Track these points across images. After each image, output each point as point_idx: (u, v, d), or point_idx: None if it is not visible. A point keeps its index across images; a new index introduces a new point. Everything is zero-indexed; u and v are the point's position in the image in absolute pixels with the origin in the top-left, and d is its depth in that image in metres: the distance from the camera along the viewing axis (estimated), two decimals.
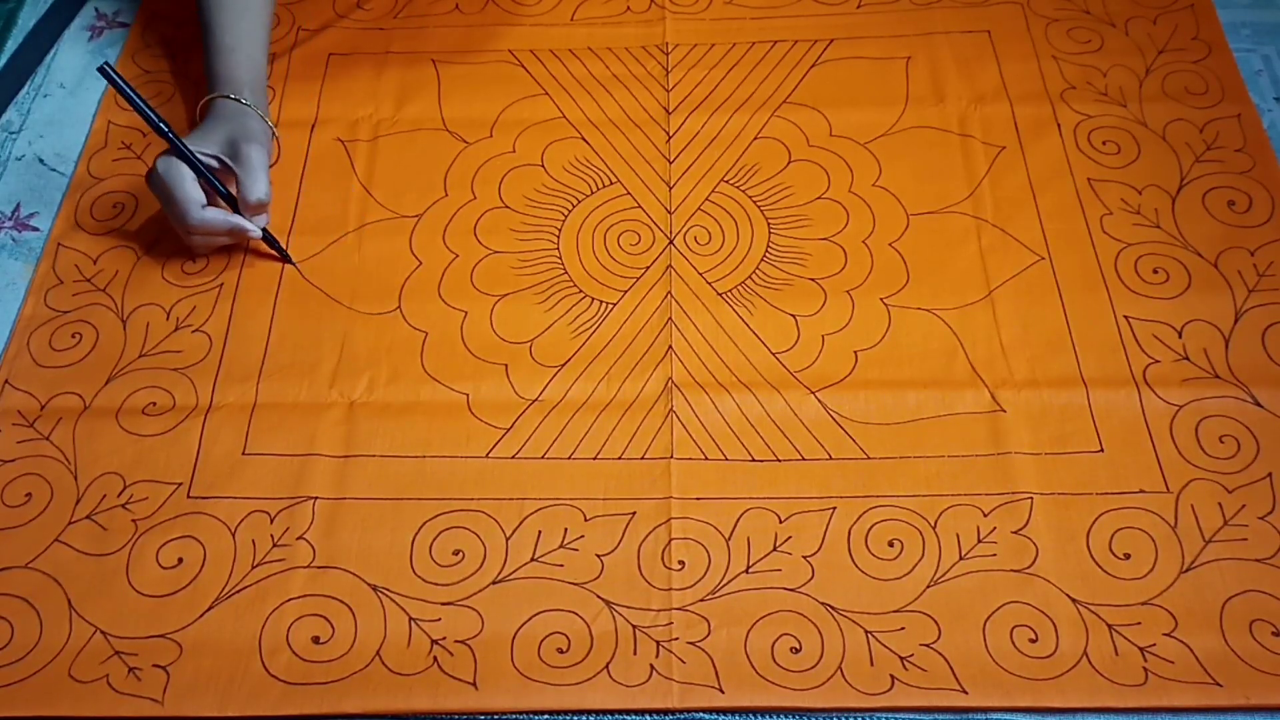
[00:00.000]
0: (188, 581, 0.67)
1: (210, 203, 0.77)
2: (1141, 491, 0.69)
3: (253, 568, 0.67)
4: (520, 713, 0.63)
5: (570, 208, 0.84)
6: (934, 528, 0.68)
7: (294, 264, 0.80)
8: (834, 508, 0.69)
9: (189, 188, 0.75)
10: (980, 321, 0.76)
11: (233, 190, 0.78)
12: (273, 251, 0.80)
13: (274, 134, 0.84)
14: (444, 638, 0.65)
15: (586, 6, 0.96)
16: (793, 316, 0.77)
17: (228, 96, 0.80)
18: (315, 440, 0.72)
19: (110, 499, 0.70)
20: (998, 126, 0.86)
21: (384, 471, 0.71)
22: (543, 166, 0.86)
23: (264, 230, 0.79)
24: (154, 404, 0.74)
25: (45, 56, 0.95)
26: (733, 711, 0.62)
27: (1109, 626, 0.64)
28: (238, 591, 0.67)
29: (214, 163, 0.77)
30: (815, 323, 0.77)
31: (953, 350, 0.75)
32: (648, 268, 0.80)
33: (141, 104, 0.76)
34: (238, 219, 0.77)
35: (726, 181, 0.84)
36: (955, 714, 0.62)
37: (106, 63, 0.75)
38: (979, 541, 0.67)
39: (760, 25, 0.94)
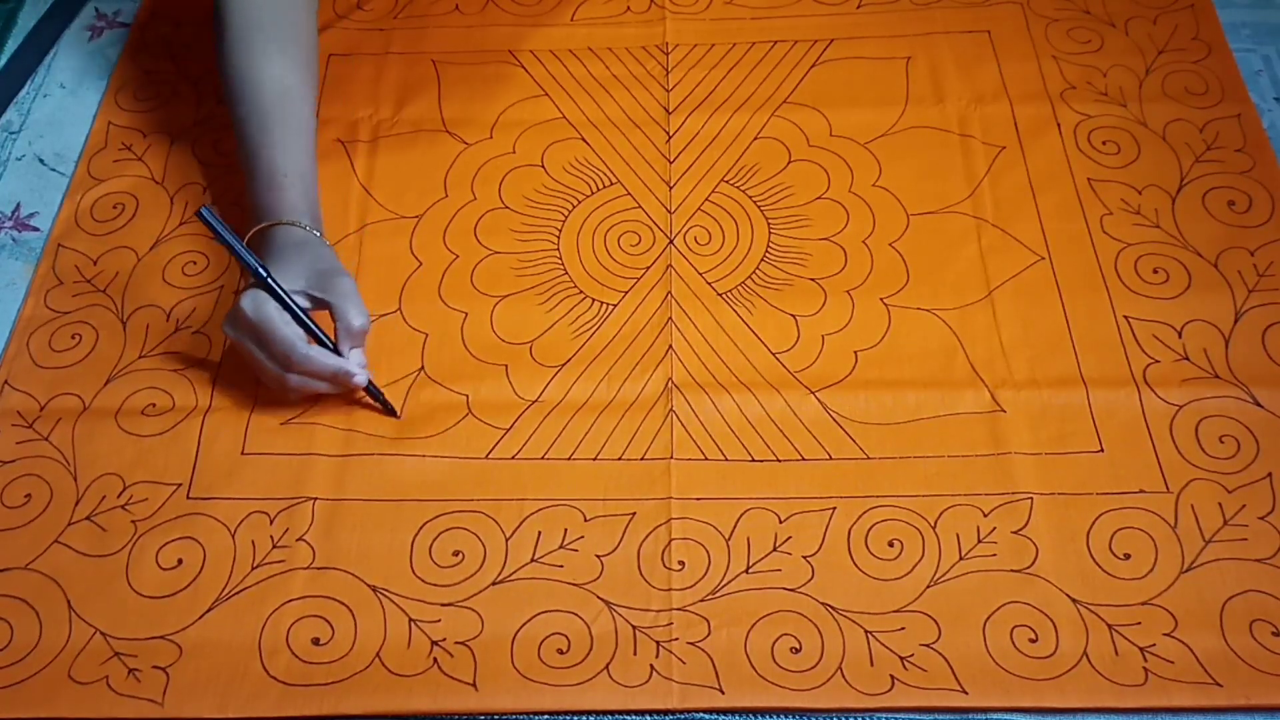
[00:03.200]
0: (187, 583, 0.67)
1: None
2: (1141, 491, 0.69)
3: (252, 569, 0.67)
4: (520, 713, 0.63)
5: (570, 208, 0.83)
6: (934, 528, 0.68)
7: (398, 416, 0.73)
8: (834, 508, 0.69)
9: (289, 327, 0.68)
10: (980, 321, 0.76)
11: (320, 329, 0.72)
12: (375, 404, 0.74)
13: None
14: (444, 639, 0.65)
15: (586, 6, 0.96)
16: (793, 316, 0.77)
17: (291, 223, 0.73)
18: (314, 441, 0.72)
19: (110, 500, 0.70)
20: (998, 126, 0.86)
21: (384, 472, 0.71)
22: (543, 167, 0.86)
23: (370, 383, 0.72)
24: (153, 405, 0.74)
25: (45, 56, 0.95)
26: (733, 712, 0.62)
27: (1109, 626, 0.64)
28: (237, 593, 0.66)
29: (304, 300, 0.70)
30: (815, 323, 0.77)
31: (952, 350, 0.75)
32: (648, 268, 0.80)
33: (238, 247, 0.70)
34: (341, 362, 0.70)
35: (726, 181, 0.84)
36: (955, 714, 0.62)
37: (206, 207, 0.69)
38: (979, 541, 0.67)
39: (760, 25, 0.94)
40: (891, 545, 0.67)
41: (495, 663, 0.64)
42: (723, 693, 0.63)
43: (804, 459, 0.71)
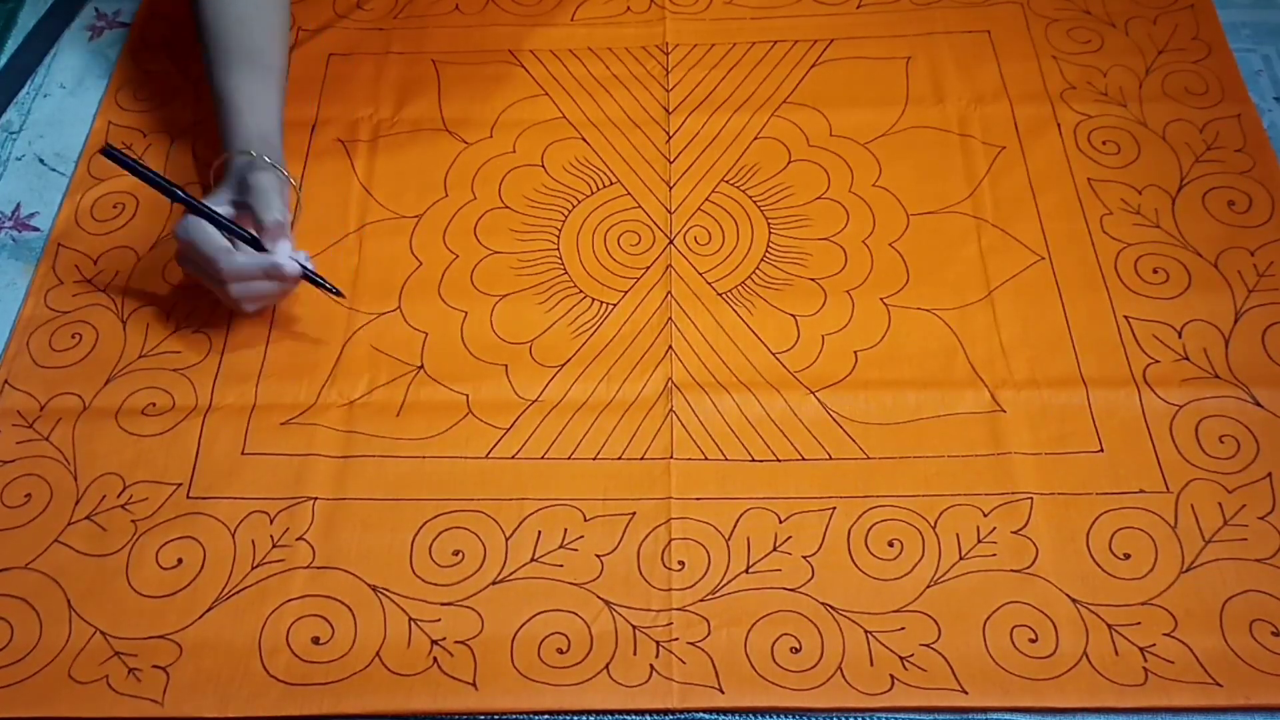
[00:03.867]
0: (187, 582, 0.67)
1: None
2: (1141, 491, 0.69)
3: (252, 568, 0.67)
4: (520, 713, 0.63)
5: (570, 208, 0.84)
6: (934, 528, 0.68)
7: (342, 295, 0.77)
8: (834, 508, 0.69)
9: (214, 239, 0.72)
10: (980, 321, 0.76)
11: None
12: (323, 289, 0.76)
13: (291, 184, 0.77)
14: (444, 638, 0.65)
15: (586, 6, 0.96)
16: (793, 316, 0.77)
17: (237, 153, 0.76)
18: (315, 440, 0.72)
19: (110, 499, 0.70)
20: (998, 126, 0.86)
21: (383, 472, 0.71)
22: (543, 167, 0.86)
23: (303, 267, 0.74)
24: (153, 404, 0.74)
25: (45, 56, 0.95)
26: (733, 711, 0.62)
27: (1109, 626, 0.64)
28: (237, 592, 0.67)
29: (229, 209, 0.74)
30: (815, 323, 0.77)
31: (952, 350, 0.75)
32: (648, 268, 0.80)
33: (149, 173, 0.73)
34: (269, 256, 0.73)
35: (726, 181, 0.84)
36: (955, 714, 0.62)
37: (109, 144, 0.73)
38: (979, 541, 0.67)
39: (760, 25, 0.94)
40: (891, 545, 0.67)
41: (495, 662, 0.64)
42: (723, 692, 0.63)
43: (804, 459, 0.71)
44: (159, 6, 0.97)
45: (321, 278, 0.75)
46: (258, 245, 0.73)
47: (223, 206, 0.73)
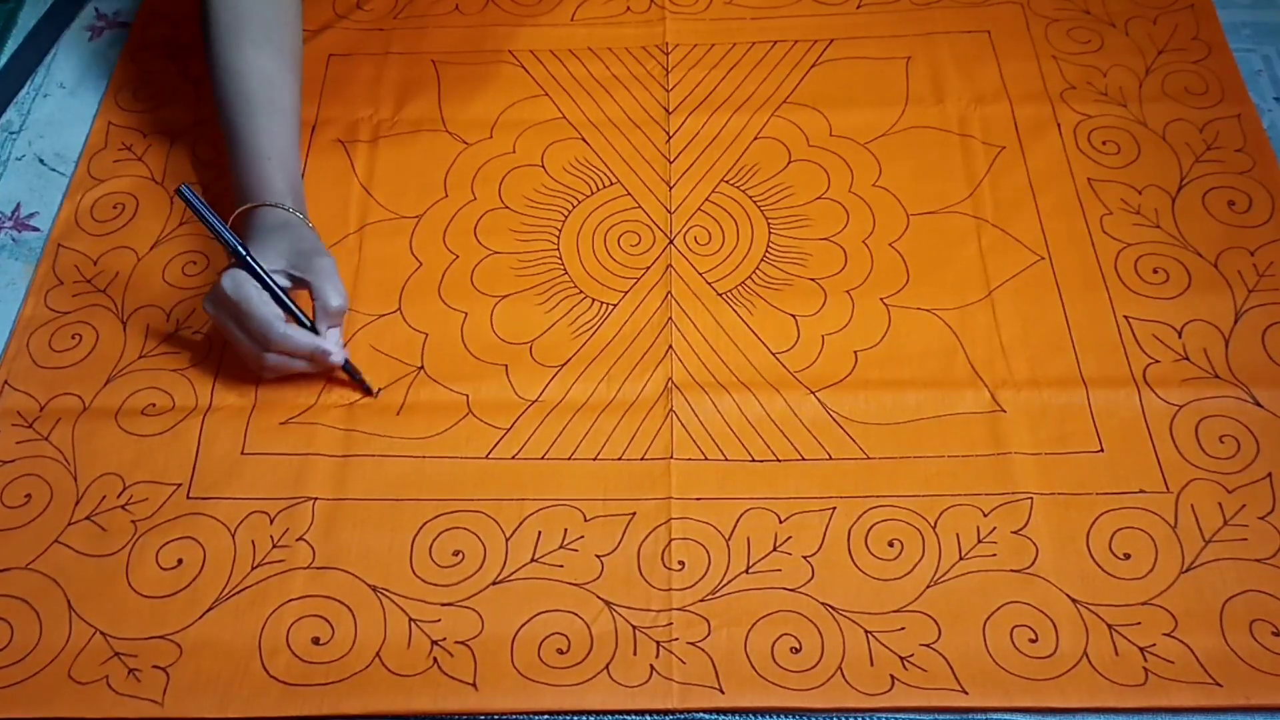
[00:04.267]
0: (187, 582, 0.67)
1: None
2: (1141, 491, 0.69)
3: (252, 568, 0.67)
4: (520, 713, 0.63)
5: (570, 208, 0.83)
6: (934, 528, 0.68)
7: (376, 395, 0.74)
8: (834, 508, 0.69)
9: (267, 305, 0.69)
10: (980, 321, 0.76)
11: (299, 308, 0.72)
12: (351, 382, 0.75)
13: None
14: (444, 638, 0.65)
15: (586, 6, 0.96)
16: (793, 316, 0.77)
17: (274, 205, 0.74)
18: (315, 440, 0.72)
19: (110, 500, 0.70)
20: (998, 126, 0.86)
21: (383, 472, 0.71)
22: (543, 167, 0.86)
23: (347, 362, 0.73)
24: (153, 405, 0.74)
25: (45, 56, 0.95)
26: (733, 711, 0.62)
27: (1109, 626, 0.64)
28: (237, 592, 0.67)
29: (285, 280, 0.71)
30: (815, 323, 0.77)
31: (953, 350, 0.75)
32: (648, 268, 0.80)
33: (217, 224, 0.70)
34: (318, 341, 0.70)
35: (726, 181, 0.84)
36: (955, 714, 0.62)
37: (186, 185, 0.70)
38: (979, 541, 0.67)
39: (760, 25, 0.94)
40: (891, 545, 0.67)
41: (495, 663, 0.64)
42: (723, 693, 0.63)
43: (804, 459, 0.71)
44: (159, 6, 0.97)
45: (359, 375, 0.74)
46: (306, 324, 0.72)
47: (278, 275, 0.71)
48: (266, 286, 0.70)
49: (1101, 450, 0.70)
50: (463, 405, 0.74)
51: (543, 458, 0.71)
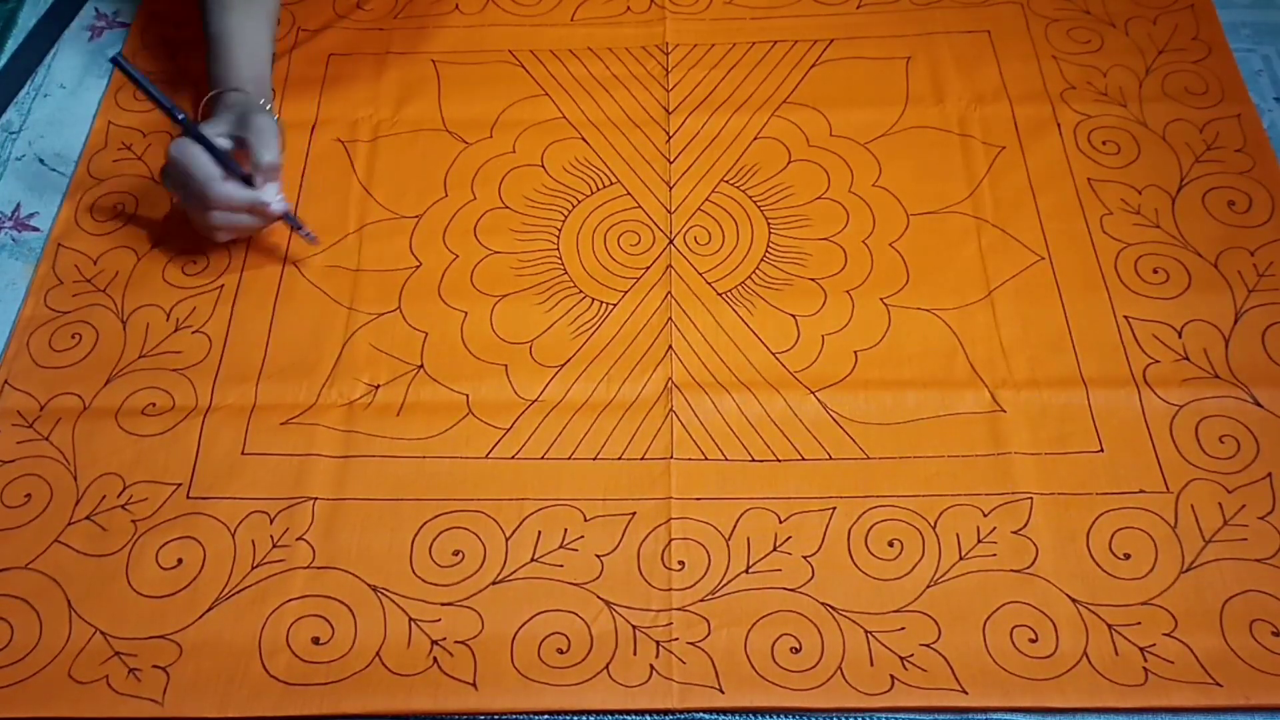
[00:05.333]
0: (187, 582, 0.67)
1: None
2: (1141, 491, 0.69)
3: (252, 568, 0.67)
4: (520, 713, 0.63)
5: (570, 208, 0.84)
6: (934, 528, 0.68)
7: (316, 240, 0.80)
8: (834, 508, 0.69)
9: (207, 165, 0.74)
10: (980, 321, 0.76)
11: (246, 169, 0.77)
12: (299, 233, 0.80)
13: (281, 124, 0.80)
14: (444, 638, 0.65)
15: (586, 6, 0.96)
16: (793, 316, 0.77)
17: (232, 89, 0.79)
18: (315, 441, 0.72)
19: (110, 499, 0.70)
20: (998, 126, 0.86)
21: (384, 472, 0.71)
22: (543, 167, 0.86)
23: (286, 211, 0.78)
24: (154, 404, 0.74)
25: (45, 56, 0.95)
26: (733, 711, 0.62)
27: (1109, 626, 0.64)
28: (237, 592, 0.67)
29: (227, 142, 0.76)
30: (815, 323, 0.77)
31: (953, 350, 0.75)
32: (648, 268, 0.80)
33: (154, 92, 0.76)
34: (257, 193, 0.76)
35: (726, 181, 0.84)
36: (955, 714, 0.62)
37: (119, 55, 0.76)
38: (979, 541, 0.67)
39: (760, 25, 0.94)
40: (891, 545, 0.67)
41: (495, 662, 0.64)
42: (723, 693, 0.63)
43: (804, 459, 0.71)
44: (159, 6, 0.97)
45: (300, 222, 0.79)
46: (246, 181, 0.76)
47: (220, 139, 0.76)
48: (210, 150, 0.74)
49: (1101, 450, 0.70)
50: (463, 405, 0.74)
51: (542, 458, 0.71)
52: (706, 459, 0.71)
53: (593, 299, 0.79)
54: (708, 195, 0.84)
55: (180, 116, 0.76)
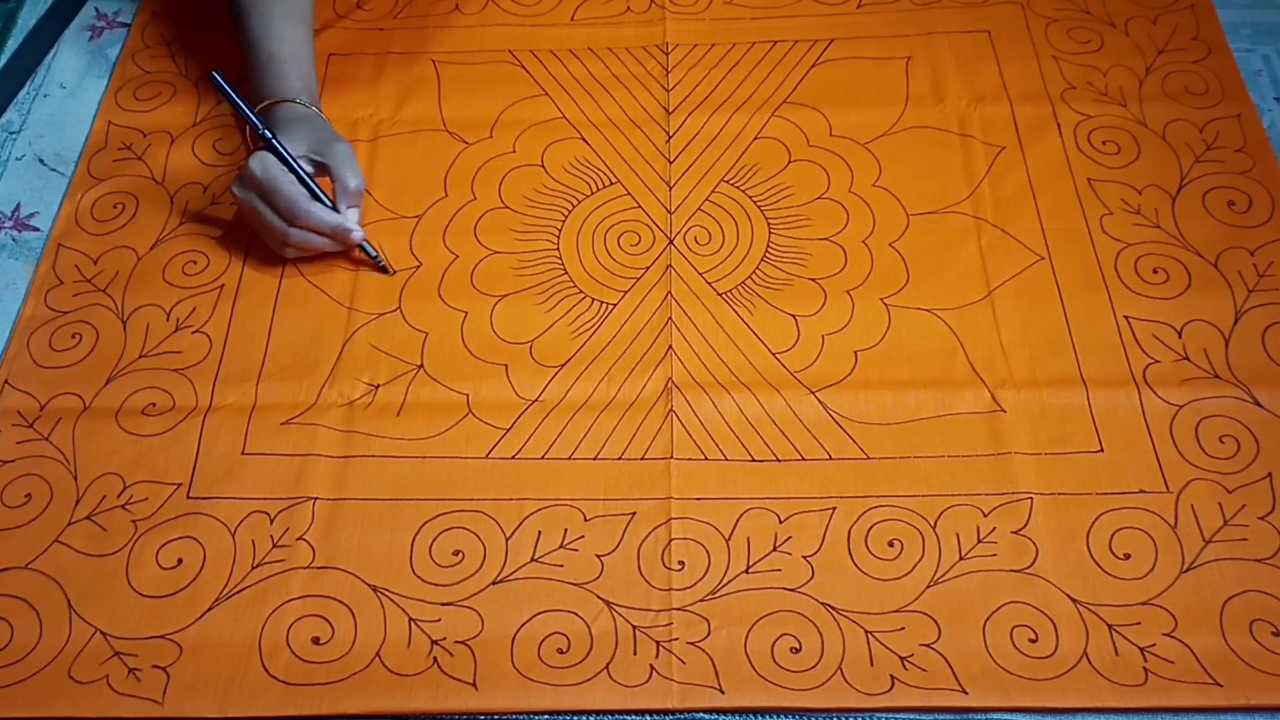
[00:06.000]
0: (187, 582, 0.67)
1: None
2: (1141, 491, 0.69)
3: (252, 568, 0.67)
4: (520, 713, 0.63)
5: (570, 208, 0.84)
6: (934, 528, 0.68)
7: (392, 272, 0.80)
8: (834, 508, 0.69)
9: (292, 184, 0.75)
10: (980, 321, 0.76)
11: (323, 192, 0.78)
12: (368, 260, 0.80)
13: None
14: (444, 638, 0.65)
15: (586, 6, 0.96)
16: (793, 316, 0.77)
17: (291, 101, 0.79)
18: (315, 441, 0.72)
19: (110, 499, 0.70)
20: (998, 126, 0.86)
21: (384, 472, 0.71)
22: (543, 167, 0.86)
23: (365, 240, 0.78)
24: (154, 404, 0.74)
25: (45, 56, 0.95)
26: (733, 711, 0.62)
27: (1109, 626, 0.64)
28: (238, 592, 0.67)
29: (307, 165, 0.77)
30: (815, 323, 0.77)
31: (953, 350, 0.75)
32: (648, 268, 0.80)
33: (247, 109, 0.77)
34: (339, 218, 0.77)
35: (726, 181, 0.84)
36: (955, 714, 0.62)
37: (217, 71, 0.77)
38: (979, 541, 0.67)
39: (760, 25, 0.94)
40: (891, 545, 0.67)
41: (495, 662, 0.64)
42: (723, 693, 0.63)
43: (804, 459, 0.71)
44: (159, 6, 0.97)
45: (375, 252, 0.79)
46: (321, 200, 0.77)
47: (301, 160, 0.77)
48: (291, 169, 0.75)
49: (1101, 450, 0.70)
50: (463, 405, 0.74)
51: (543, 458, 0.71)
52: (706, 459, 0.71)
53: (593, 299, 0.79)
54: (708, 195, 0.84)
55: (269, 135, 0.76)
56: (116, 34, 0.97)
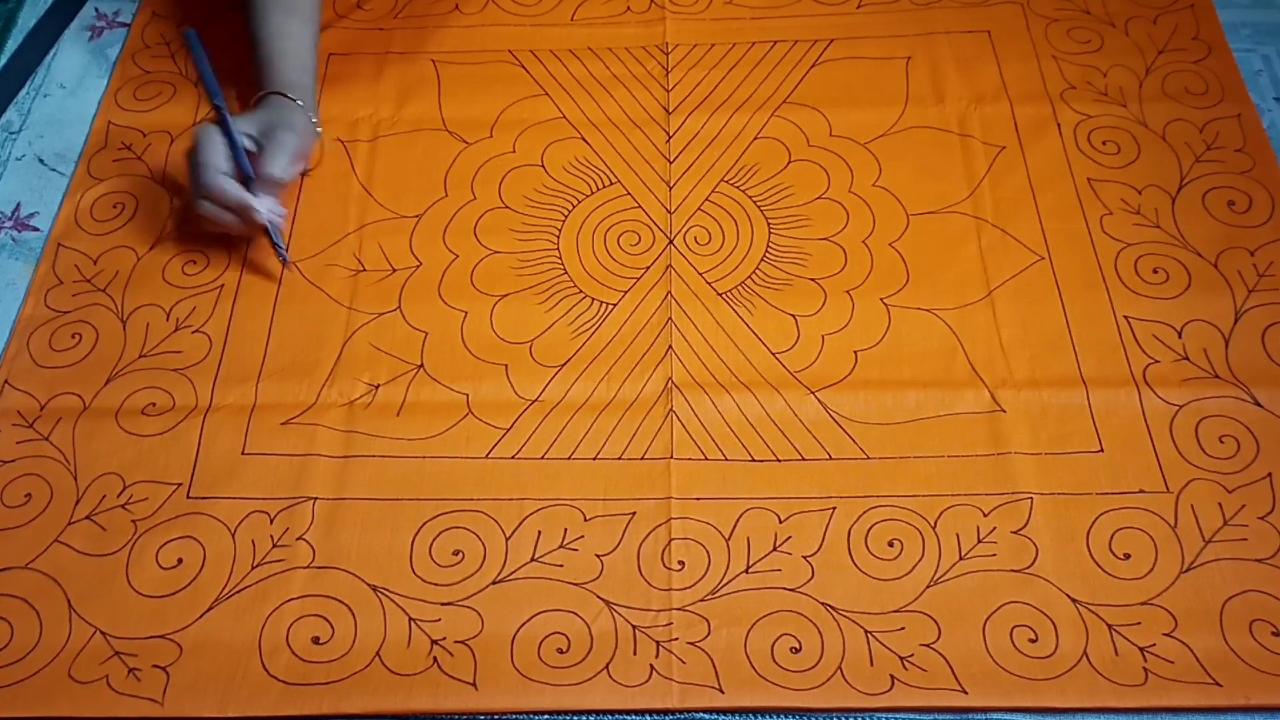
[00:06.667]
0: (188, 582, 0.67)
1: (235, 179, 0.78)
2: (1141, 491, 0.69)
3: (252, 568, 0.67)
4: (520, 713, 0.63)
5: (570, 208, 0.84)
6: (934, 528, 0.68)
7: (289, 263, 0.80)
8: (834, 508, 0.69)
9: (215, 155, 0.76)
10: (980, 321, 0.76)
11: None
12: (273, 247, 0.80)
13: (319, 135, 0.84)
14: (444, 638, 0.65)
15: (586, 6, 0.96)
16: (793, 316, 0.77)
17: (279, 93, 0.81)
18: (315, 441, 0.72)
19: (110, 499, 0.70)
20: (998, 126, 0.86)
21: (384, 472, 0.71)
22: (543, 167, 0.86)
23: (271, 224, 0.78)
24: (154, 404, 0.74)
25: (45, 56, 0.95)
26: (733, 711, 0.62)
27: (1109, 626, 0.64)
28: (238, 592, 0.67)
29: (249, 143, 0.78)
30: (815, 323, 0.77)
31: (953, 350, 0.75)
32: (648, 268, 0.80)
33: (207, 71, 0.80)
34: (247, 196, 0.77)
35: (726, 181, 0.84)
36: (955, 714, 0.62)
37: (193, 30, 0.80)
38: (979, 541, 0.67)
39: (760, 25, 0.94)
40: (891, 545, 0.67)
41: (495, 662, 0.64)
42: (723, 692, 0.63)
43: (804, 459, 0.71)
44: (159, 6, 0.97)
45: (279, 240, 0.79)
46: (246, 184, 0.78)
47: (245, 137, 0.78)
48: (231, 143, 0.77)
49: (1101, 450, 0.70)
50: (463, 405, 0.74)
51: (542, 457, 0.71)
52: (706, 459, 0.71)
53: (593, 299, 0.79)
54: (708, 195, 0.84)
55: (218, 103, 0.78)
56: (116, 34, 0.97)
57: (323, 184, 0.85)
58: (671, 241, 0.81)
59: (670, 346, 0.76)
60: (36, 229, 0.84)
